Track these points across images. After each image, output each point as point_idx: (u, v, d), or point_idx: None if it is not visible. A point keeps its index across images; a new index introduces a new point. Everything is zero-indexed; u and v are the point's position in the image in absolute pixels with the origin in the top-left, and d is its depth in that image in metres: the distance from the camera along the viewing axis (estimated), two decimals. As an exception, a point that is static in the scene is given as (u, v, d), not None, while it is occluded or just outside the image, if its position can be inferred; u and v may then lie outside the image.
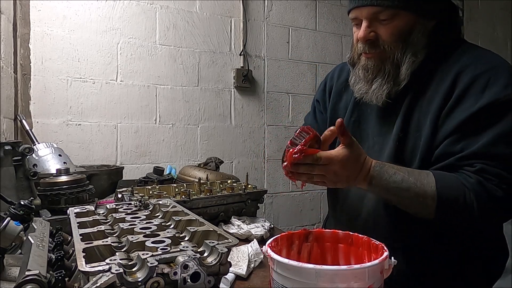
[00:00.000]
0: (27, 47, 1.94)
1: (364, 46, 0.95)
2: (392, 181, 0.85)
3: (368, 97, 0.99)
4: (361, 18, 0.94)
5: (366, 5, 0.91)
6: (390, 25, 0.91)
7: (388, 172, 0.86)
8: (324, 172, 0.83)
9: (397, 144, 0.95)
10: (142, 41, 2.21)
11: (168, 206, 0.89)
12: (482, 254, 0.98)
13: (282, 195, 2.67)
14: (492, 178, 0.80)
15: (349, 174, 0.85)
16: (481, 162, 0.82)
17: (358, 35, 0.95)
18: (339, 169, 0.83)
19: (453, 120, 0.86)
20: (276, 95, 2.64)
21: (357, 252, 0.69)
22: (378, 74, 0.96)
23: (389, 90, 0.95)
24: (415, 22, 0.92)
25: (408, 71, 0.92)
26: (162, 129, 2.28)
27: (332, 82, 1.21)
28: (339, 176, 0.84)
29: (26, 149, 1.19)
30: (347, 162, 0.83)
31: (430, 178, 0.84)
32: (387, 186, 0.86)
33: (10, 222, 0.68)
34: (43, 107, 1.98)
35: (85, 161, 2.02)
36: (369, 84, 0.97)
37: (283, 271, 0.57)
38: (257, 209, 1.35)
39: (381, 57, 0.95)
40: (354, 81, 1.03)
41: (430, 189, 0.82)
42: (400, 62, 0.93)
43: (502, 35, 3.57)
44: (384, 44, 0.93)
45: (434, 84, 0.92)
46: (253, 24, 2.53)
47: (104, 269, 0.51)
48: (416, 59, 0.93)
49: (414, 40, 0.92)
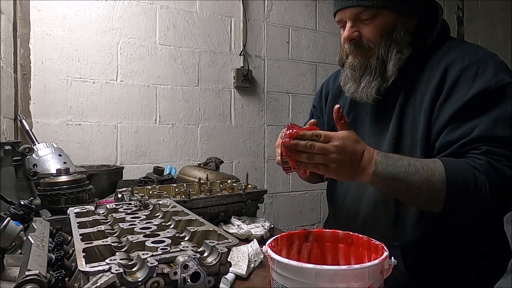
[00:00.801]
0: (27, 47, 1.94)
1: (350, 46, 0.99)
2: (399, 165, 0.82)
3: (358, 96, 1.01)
4: (345, 20, 0.98)
5: (348, 7, 0.95)
6: (372, 24, 0.95)
7: (393, 157, 0.84)
8: (325, 151, 0.80)
9: (394, 142, 0.96)
10: (142, 41, 2.21)
11: (168, 206, 0.89)
12: (483, 253, 0.98)
13: (282, 195, 2.67)
14: (500, 159, 0.80)
15: (351, 155, 0.82)
16: (486, 144, 0.81)
17: (343, 35, 0.99)
18: (341, 148, 0.80)
19: (447, 111, 0.87)
20: (276, 95, 2.64)
21: (357, 252, 0.69)
22: (365, 72, 0.99)
23: (378, 86, 0.97)
24: (397, 20, 0.95)
25: (395, 67, 0.95)
26: (162, 129, 2.28)
27: (328, 89, 1.25)
28: (341, 156, 0.80)
29: (26, 149, 1.19)
30: (348, 142, 0.81)
31: (437, 163, 0.82)
32: (394, 171, 0.81)
33: (10, 222, 0.68)
34: (43, 107, 1.98)
35: (85, 161, 2.02)
36: (358, 83, 1.00)
37: (283, 271, 0.57)
38: (257, 209, 1.35)
39: (367, 55, 0.98)
40: (343, 82, 1.05)
41: (439, 173, 0.79)
42: (386, 58, 0.96)
43: (502, 35, 3.57)
44: (369, 43, 0.96)
45: (423, 80, 0.94)
46: (253, 24, 2.53)
47: (104, 269, 0.51)
48: (401, 55, 0.95)
49: (397, 38, 0.95)
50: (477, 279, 0.98)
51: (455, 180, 0.79)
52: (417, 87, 0.95)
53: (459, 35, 3.29)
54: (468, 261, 0.96)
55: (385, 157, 0.84)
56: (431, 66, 0.94)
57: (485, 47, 0.98)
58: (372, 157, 0.83)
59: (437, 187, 0.79)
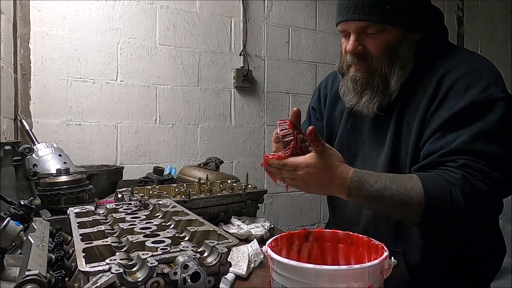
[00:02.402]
0: (27, 47, 1.94)
1: (353, 59, 0.97)
2: (374, 190, 0.83)
3: (359, 108, 1.00)
4: (349, 31, 0.95)
5: (354, 20, 0.92)
6: (378, 39, 0.93)
7: (369, 181, 0.83)
8: (293, 177, 0.84)
9: (392, 151, 0.96)
10: (142, 41, 2.21)
11: (168, 206, 0.89)
12: (480, 253, 0.98)
13: (282, 195, 2.67)
14: (476, 174, 0.81)
15: (318, 182, 0.84)
16: (463, 158, 0.82)
17: (347, 48, 0.96)
18: (306, 176, 0.82)
19: (436, 121, 0.88)
20: (276, 95, 2.64)
21: (357, 252, 0.69)
22: (367, 87, 0.97)
23: (380, 102, 0.96)
24: (402, 36, 0.93)
25: (398, 84, 0.94)
26: (162, 129, 2.28)
27: (326, 91, 1.23)
28: (307, 183, 0.84)
29: (26, 149, 1.19)
30: (315, 170, 0.82)
31: (414, 182, 0.83)
32: (368, 196, 0.84)
33: (10, 222, 0.68)
34: (43, 107, 1.98)
35: (85, 161, 2.02)
36: (359, 96, 0.99)
37: (283, 271, 0.57)
38: (257, 209, 1.35)
39: (369, 70, 0.96)
40: (344, 92, 1.04)
41: (416, 193, 0.81)
42: (388, 75, 0.95)
43: (502, 35, 3.57)
44: (372, 57, 0.95)
45: (420, 89, 0.94)
46: (253, 24, 2.53)
47: (104, 269, 0.51)
48: (404, 72, 0.94)
49: (401, 54, 0.94)
50: (473, 278, 0.98)
51: (432, 197, 0.81)
52: (414, 96, 0.95)
53: (459, 35, 3.29)
54: (465, 261, 0.96)
55: (359, 182, 0.83)
56: (428, 74, 0.94)
57: (485, 47, 0.98)
58: (343, 183, 0.84)
59: (414, 207, 0.82)
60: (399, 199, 0.82)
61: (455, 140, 0.84)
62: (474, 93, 0.85)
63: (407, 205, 0.82)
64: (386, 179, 0.84)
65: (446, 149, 0.84)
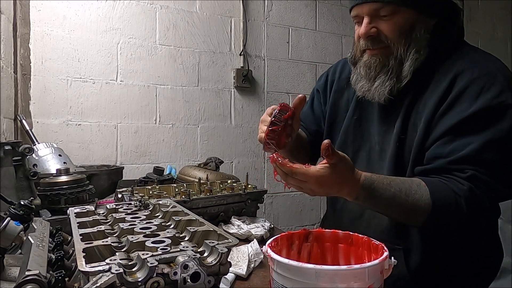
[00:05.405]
0: (27, 47, 1.94)
1: (367, 42, 0.96)
2: (383, 198, 0.84)
3: (370, 95, 0.99)
4: (362, 15, 0.94)
5: (367, 2, 0.92)
6: (391, 21, 0.92)
7: (379, 190, 0.83)
8: (300, 185, 0.81)
9: (397, 145, 0.95)
10: (142, 41, 2.21)
11: (168, 206, 0.89)
12: (478, 254, 0.99)
13: (282, 195, 2.67)
14: (482, 186, 0.82)
15: (327, 191, 0.83)
16: (472, 168, 0.82)
17: (360, 32, 0.95)
18: (316, 188, 0.80)
19: (446, 123, 0.87)
20: (276, 95, 2.64)
21: (357, 252, 0.69)
22: (381, 71, 0.96)
23: (391, 86, 0.95)
24: (416, 19, 0.92)
25: (411, 68, 0.93)
26: (162, 129, 2.28)
27: (334, 77, 1.20)
28: (315, 191, 0.82)
29: (26, 149, 1.19)
30: (326, 182, 0.79)
31: (422, 191, 0.83)
32: (376, 204, 0.86)
33: (10, 222, 0.68)
34: (43, 107, 1.98)
35: (85, 161, 2.02)
36: (371, 82, 0.98)
37: (283, 271, 0.57)
38: (257, 209, 1.35)
39: (386, 53, 0.95)
40: (355, 80, 1.03)
41: (424, 203, 0.83)
42: (404, 58, 0.93)
43: (502, 35, 3.57)
44: (387, 40, 0.93)
45: (432, 85, 0.93)
46: (253, 24, 2.53)
47: (104, 269, 0.51)
48: (419, 56, 0.93)
49: (417, 37, 0.92)
50: (472, 279, 0.98)
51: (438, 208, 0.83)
52: (424, 90, 0.94)
53: (459, 35, 3.29)
54: (467, 262, 0.97)
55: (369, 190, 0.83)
56: (441, 72, 0.93)
57: (485, 47, 0.98)
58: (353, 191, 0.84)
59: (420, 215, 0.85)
60: (407, 209, 0.84)
61: (464, 146, 0.83)
62: (486, 98, 0.84)
63: (413, 213, 0.85)
64: (396, 188, 0.84)
65: (455, 156, 0.84)
